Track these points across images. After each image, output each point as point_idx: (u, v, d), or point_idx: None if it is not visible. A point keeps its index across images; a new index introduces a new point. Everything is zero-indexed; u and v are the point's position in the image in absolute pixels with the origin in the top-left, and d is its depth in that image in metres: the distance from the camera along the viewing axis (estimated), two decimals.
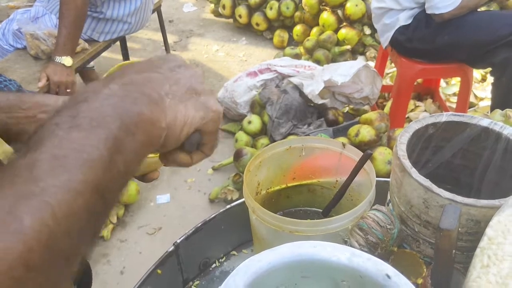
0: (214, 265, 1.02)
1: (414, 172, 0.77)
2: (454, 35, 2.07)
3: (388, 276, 0.65)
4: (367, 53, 3.29)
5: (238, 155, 2.32)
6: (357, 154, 0.92)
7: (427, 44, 2.15)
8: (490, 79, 2.82)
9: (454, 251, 0.69)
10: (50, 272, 0.36)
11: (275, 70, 2.70)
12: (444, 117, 0.87)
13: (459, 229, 0.70)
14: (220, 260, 1.03)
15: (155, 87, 0.46)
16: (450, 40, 2.08)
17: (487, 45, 2.04)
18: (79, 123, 0.40)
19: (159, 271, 0.90)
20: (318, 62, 3.07)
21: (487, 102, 2.72)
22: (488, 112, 2.35)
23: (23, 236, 0.34)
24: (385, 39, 2.30)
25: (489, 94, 2.76)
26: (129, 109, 0.43)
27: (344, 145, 0.95)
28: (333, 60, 3.19)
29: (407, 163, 0.79)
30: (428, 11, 2.07)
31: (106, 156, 0.40)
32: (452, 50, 2.14)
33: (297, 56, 3.15)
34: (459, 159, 0.91)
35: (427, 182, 0.75)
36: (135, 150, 0.43)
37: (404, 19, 2.18)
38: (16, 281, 0.33)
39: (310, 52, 3.25)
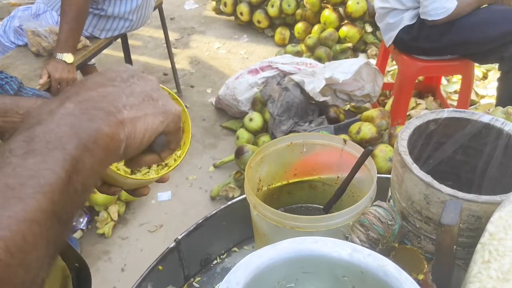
0: (215, 261, 1.02)
1: (415, 168, 0.77)
2: (460, 34, 2.08)
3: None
4: (369, 51, 3.28)
5: (239, 152, 2.32)
6: (358, 151, 0.92)
7: (433, 43, 2.16)
8: (493, 76, 2.82)
9: (455, 246, 0.69)
10: None
11: (276, 68, 2.70)
12: (445, 113, 0.87)
13: (460, 225, 0.70)
14: (221, 256, 1.03)
15: (111, 101, 0.46)
16: (456, 38, 2.09)
17: (494, 40, 2.05)
18: (34, 148, 0.40)
19: (160, 267, 0.90)
20: (320, 59, 3.07)
21: (488, 100, 2.72)
22: (490, 110, 2.35)
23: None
24: (388, 38, 2.30)
25: (490, 92, 2.76)
26: (86, 126, 0.42)
27: (345, 141, 0.95)
28: (335, 57, 3.18)
29: (408, 159, 0.79)
30: (422, 16, 2.11)
31: (63, 178, 0.39)
32: (459, 47, 2.15)
33: (298, 54, 3.14)
34: (460, 155, 0.91)
35: (428, 178, 0.75)
36: (92, 166, 0.42)
37: (408, 18, 2.18)
38: None
39: (311, 50, 3.25)
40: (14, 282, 0.35)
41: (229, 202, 1.02)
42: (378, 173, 0.89)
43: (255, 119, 2.52)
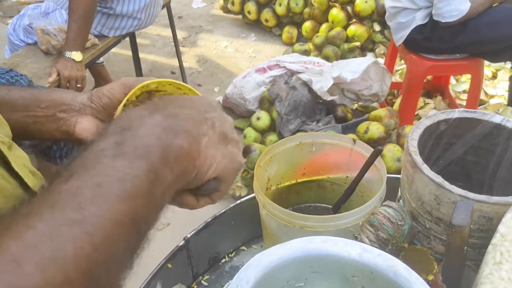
0: (223, 260, 1.02)
1: (425, 168, 0.77)
2: (474, 33, 2.07)
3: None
4: (377, 50, 3.27)
5: (246, 151, 2.32)
6: (367, 150, 0.92)
7: (446, 44, 2.15)
8: (502, 76, 2.80)
9: (465, 247, 0.68)
10: None
11: (284, 67, 2.69)
12: (456, 113, 0.87)
13: (471, 226, 0.70)
14: (229, 255, 1.03)
15: (195, 125, 0.47)
16: (470, 38, 2.09)
17: (508, 39, 2.04)
18: (124, 151, 0.41)
19: (169, 265, 0.90)
20: (327, 58, 3.06)
21: (498, 100, 2.70)
22: (500, 110, 2.33)
23: (63, 266, 0.33)
24: (399, 37, 2.29)
25: (499, 92, 2.74)
26: (171, 141, 0.44)
27: (354, 141, 0.94)
28: (342, 56, 3.18)
29: (418, 159, 0.78)
30: (435, 18, 2.09)
31: (146, 187, 0.40)
32: (472, 47, 2.15)
33: (306, 53, 3.14)
34: (471, 156, 0.90)
35: (439, 179, 0.75)
36: (169, 183, 0.43)
37: (421, 18, 2.17)
38: None
39: (319, 49, 3.24)
40: (96, 280, 0.36)
41: (238, 201, 1.02)
42: (387, 174, 0.89)
43: (263, 118, 2.52)
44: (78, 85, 2.10)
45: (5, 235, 0.33)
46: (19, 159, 0.55)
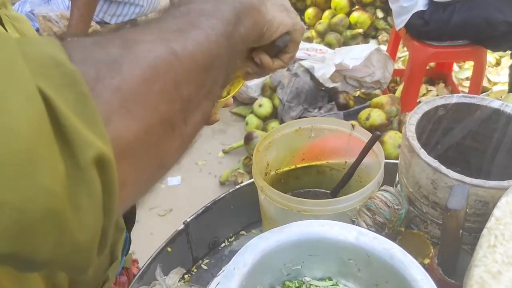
0: (223, 244, 1.03)
1: (422, 152, 0.77)
2: (466, 14, 2.05)
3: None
4: (379, 37, 3.25)
5: (248, 138, 2.33)
6: (366, 136, 0.92)
7: (442, 26, 2.13)
8: (506, 63, 2.79)
9: (461, 231, 0.69)
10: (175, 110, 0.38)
11: None
12: (454, 98, 0.87)
13: (467, 210, 0.70)
14: (229, 239, 1.04)
15: None
16: (462, 19, 2.07)
17: (499, 25, 2.02)
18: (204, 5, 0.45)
19: (169, 249, 0.91)
20: (330, 45, 3.04)
21: (501, 87, 2.68)
22: (502, 96, 2.32)
23: (172, 57, 0.38)
24: (400, 21, 2.27)
25: (503, 79, 2.72)
26: None
27: (353, 126, 0.95)
28: (345, 43, 3.16)
29: (416, 144, 0.79)
30: None
31: (231, 25, 0.45)
32: (466, 30, 2.12)
33: (308, 40, 3.12)
34: (469, 141, 0.90)
35: (435, 163, 0.75)
36: (243, 35, 0.48)
37: (422, 4, 2.15)
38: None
39: (321, 36, 3.22)
40: (181, 92, 0.39)
41: (238, 186, 1.03)
42: (387, 160, 0.89)
43: (265, 105, 2.52)
44: None
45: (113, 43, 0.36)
46: None
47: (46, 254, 0.29)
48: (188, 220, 0.95)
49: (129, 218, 0.84)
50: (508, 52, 2.37)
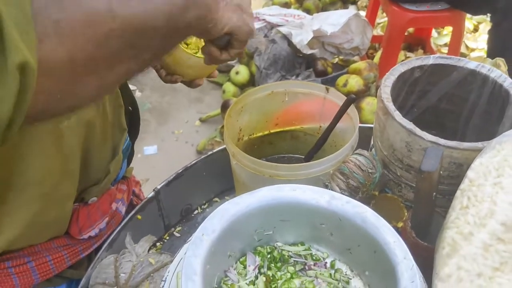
0: (196, 212, 1.01)
1: (397, 115, 0.75)
2: None
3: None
4: (359, 2, 3.20)
5: (225, 106, 2.30)
6: (341, 99, 0.90)
7: None
8: (484, 29, 2.78)
9: (434, 193, 0.68)
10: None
11: (263, 19, 2.62)
12: (431, 59, 0.84)
13: (441, 172, 0.69)
14: (202, 206, 1.02)
15: None
16: None
17: None
18: None
19: (139, 216, 0.89)
20: (308, 11, 2.98)
21: (479, 53, 2.69)
22: None
23: (109, 13, 0.43)
24: None
25: (480, 45, 2.72)
26: None
27: (327, 89, 0.92)
28: (324, 9, 3.10)
29: (390, 106, 0.77)
30: None
31: (179, 5, 0.49)
32: None
33: (286, 5, 3.05)
34: (445, 104, 0.89)
35: (410, 125, 0.74)
36: (189, 22, 0.51)
37: None
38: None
39: (300, 1, 3.15)
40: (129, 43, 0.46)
41: (210, 153, 1.00)
42: (362, 124, 0.87)
43: (242, 72, 2.47)
44: None
45: None
46: None
47: None
48: (159, 187, 0.93)
49: (134, 129, 0.94)
50: (487, 16, 2.36)
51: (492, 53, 2.18)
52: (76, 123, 0.71)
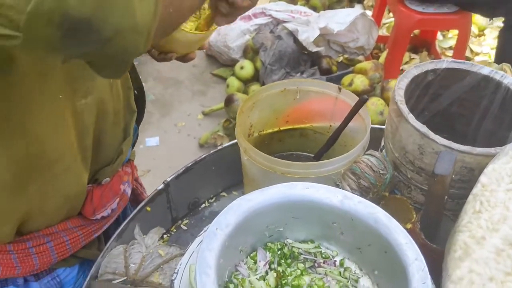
0: (203, 205, 1.01)
1: (411, 117, 0.76)
2: None
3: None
4: (365, 1, 3.20)
5: (229, 100, 2.29)
6: (353, 99, 0.90)
7: None
8: (489, 34, 2.78)
9: (446, 197, 0.69)
10: None
11: (270, 15, 2.62)
12: (444, 63, 0.85)
13: (453, 176, 0.70)
14: (209, 200, 1.02)
15: None
16: None
17: None
18: None
19: (148, 208, 0.89)
20: (315, 8, 2.98)
21: (483, 58, 2.69)
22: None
23: None
24: None
25: (485, 49, 2.73)
26: None
27: (340, 89, 0.92)
28: (330, 7, 3.09)
29: (404, 108, 0.77)
30: None
31: None
32: None
33: (293, 1, 3.04)
34: (456, 108, 0.89)
35: (424, 128, 0.74)
36: None
37: None
38: None
39: None
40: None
41: (219, 147, 1.01)
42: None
43: (246, 67, 2.47)
44: None
45: None
46: None
47: (112, 26, 0.47)
48: (168, 179, 0.93)
49: (139, 113, 0.95)
50: (496, 21, 2.32)
51: (501, 57, 2.15)
52: (91, 100, 0.73)
